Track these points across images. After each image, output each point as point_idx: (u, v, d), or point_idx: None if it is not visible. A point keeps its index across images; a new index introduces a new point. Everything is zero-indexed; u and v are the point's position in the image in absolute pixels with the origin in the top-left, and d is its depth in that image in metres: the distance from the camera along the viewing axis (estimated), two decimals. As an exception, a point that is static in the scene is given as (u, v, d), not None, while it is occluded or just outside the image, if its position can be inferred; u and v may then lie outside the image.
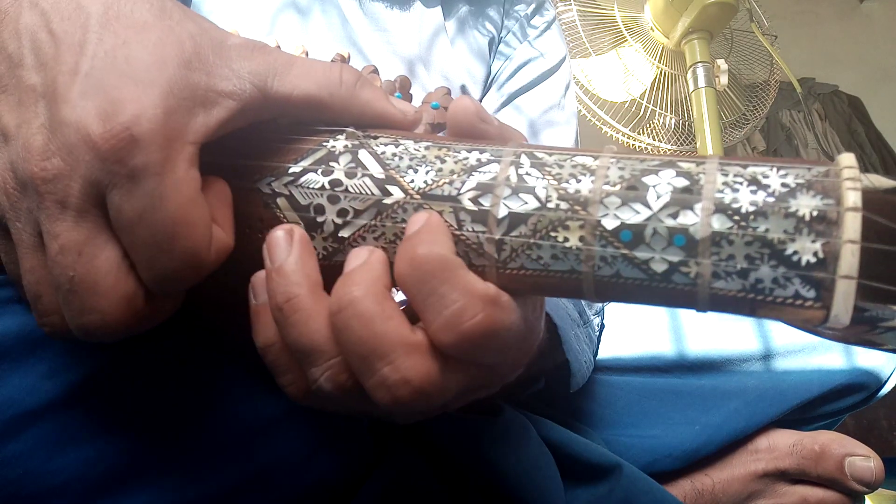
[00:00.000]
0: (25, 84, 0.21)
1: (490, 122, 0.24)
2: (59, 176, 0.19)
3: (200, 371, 0.25)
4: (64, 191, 0.19)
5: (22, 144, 0.20)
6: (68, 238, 0.19)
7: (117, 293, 0.20)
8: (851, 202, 0.18)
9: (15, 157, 0.20)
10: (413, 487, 0.30)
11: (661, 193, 0.20)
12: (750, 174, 0.19)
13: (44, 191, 0.19)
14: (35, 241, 0.21)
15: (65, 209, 0.19)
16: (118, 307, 0.20)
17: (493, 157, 0.22)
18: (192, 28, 0.22)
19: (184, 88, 0.20)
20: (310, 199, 0.23)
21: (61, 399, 0.23)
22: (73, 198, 0.19)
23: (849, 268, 0.17)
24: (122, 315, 0.20)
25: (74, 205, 0.19)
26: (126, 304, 0.20)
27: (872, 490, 0.41)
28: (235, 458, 0.25)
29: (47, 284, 0.21)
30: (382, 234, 0.22)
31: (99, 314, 0.20)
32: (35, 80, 0.20)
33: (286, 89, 0.23)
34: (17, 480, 0.22)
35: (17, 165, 0.20)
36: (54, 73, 0.20)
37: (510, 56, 0.69)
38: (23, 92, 0.21)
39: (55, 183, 0.19)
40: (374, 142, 0.24)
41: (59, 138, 0.19)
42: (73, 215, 0.19)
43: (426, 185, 0.22)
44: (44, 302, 0.21)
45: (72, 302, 0.20)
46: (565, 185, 0.21)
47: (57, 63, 0.20)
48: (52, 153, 0.19)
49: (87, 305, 0.20)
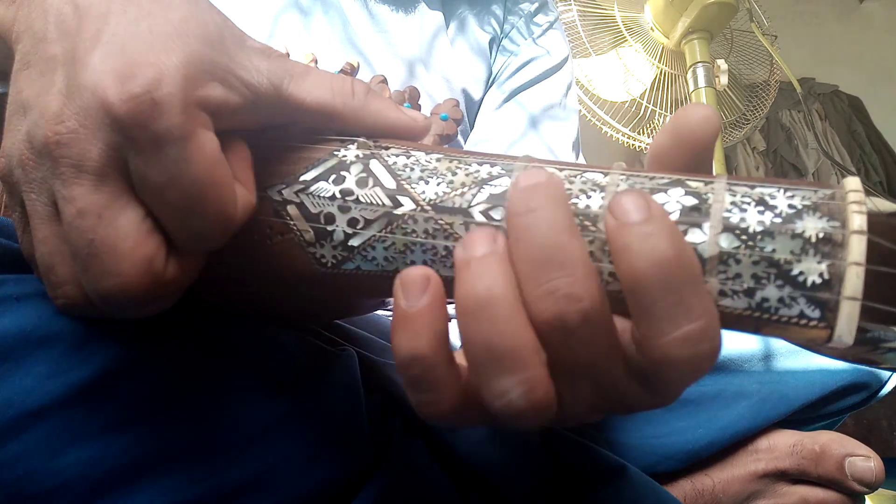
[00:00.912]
0: (47, 56, 0.21)
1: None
2: (74, 139, 0.19)
3: (201, 373, 0.25)
4: (80, 154, 0.19)
5: (38, 112, 0.20)
6: (88, 201, 0.20)
7: (138, 255, 0.20)
8: (857, 225, 0.18)
9: (32, 125, 0.20)
10: (413, 489, 0.30)
11: (671, 212, 0.20)
12: (757, 195, 0.20)
13: (58, 155, 0.20)
14: (49, 211, 0.21)
15: (81, 172, 0.20)
16: (138, 270, 0.20)
17: (505, 170, 0.22)
18: (217, 18, 0.22)
19: (205, 62, 0.21)
20: (320, 207, 0.23)
21: (62, 399, 0.23)
22: (92, 161, 0.19)
23: (853, 289, 0.18)
24: (143, 279, 0.20)
25: (93, 168, 0.20)
26: (146, 266, 0.20)
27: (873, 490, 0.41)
28: (236, 460, 0.25)
29: (60, 254, 0.21)
30: (393, 245, 0.22)
31: (119, 277, 0.20)
32: (56, 50, 0.21)
33: (301, 94, 0.24)
34: (18, 481, 0.22)
35: (33, 134, 0.20)
36: (75, 41, 0.20)
37: (514, 52, 0.69)
38: (44, 63, 0.21)
39: (70, 146, 0.19)
40: (385, 152, 0.24)
41: (75, 102, 0.19)
42: (92, 179, 0.20)
43: (437, 196, 0.22)
44: (57, 272, 0.21)
45: (91, 266, 0.20)
46: (575, 201, 0.21)
47: (79, 32, 0.20)
48: (67, 117, 0.20)
49: (108, 268, 0.20)
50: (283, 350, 0.28)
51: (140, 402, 0.24)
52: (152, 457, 0.24)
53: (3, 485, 0.22)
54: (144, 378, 0.24)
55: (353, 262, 0.23)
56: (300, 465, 0.26)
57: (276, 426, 0.26)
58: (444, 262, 0.22)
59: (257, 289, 0.26)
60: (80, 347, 0.24)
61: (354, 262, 0.23)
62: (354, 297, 0.28)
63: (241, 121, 0.23)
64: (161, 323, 0.24)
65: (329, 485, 0.27)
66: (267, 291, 0.26)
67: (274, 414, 0.26)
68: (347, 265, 0.23)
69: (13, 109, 0.22)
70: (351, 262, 0.23)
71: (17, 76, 0.22)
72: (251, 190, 0.23)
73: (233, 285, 0.26)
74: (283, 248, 0.24)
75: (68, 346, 0.23)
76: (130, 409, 0.24)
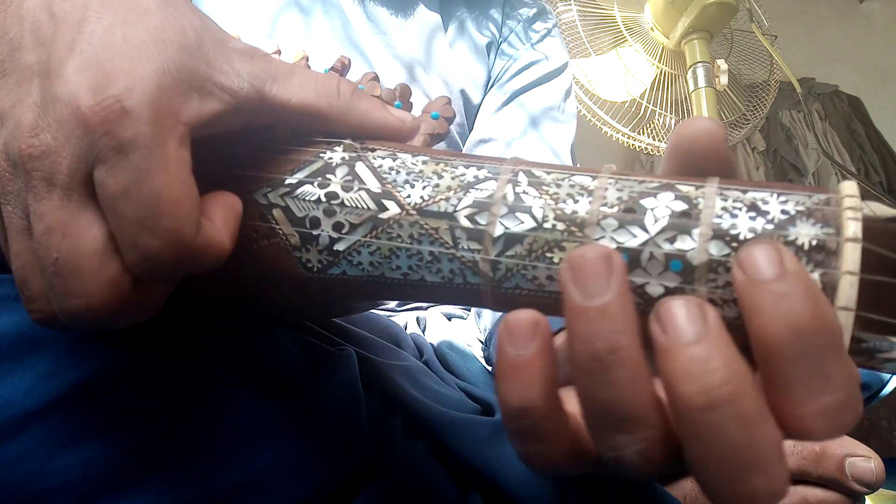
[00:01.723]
0: (23, 64, 0.20)
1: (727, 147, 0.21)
2: (46, 152, 0.19)
3: (199, 374, 0.25)
4: (51, 168, 0.19)
5: (14, 123, 0.20)
6: (53, 218, 0.19)
7: (102, 276, 0.19)
8: (851, 233, 0.17)
9: (8, 136, 0.20)
10: (413, 489, 0.30)
11: (659, 217, 0.19)
12: (749, 199, 0.19)
13: (31, 168, 0.19)
14: (23, 224, 0.20)
15: (51, 187, 0.19)
16: (103, 291, 0.19)
17: (491, 174, 0.22)
18: (196, 22, 0.22)
19: (181, 70, 0.20)
20: (305, 211, 0.23)
21: (60, 400, 0.23)
22: (61, 175, 0.19)
23: (847, 299, 0.17)
24: (108, 300, 0.19)
25: (61, 182, 0.19)
26: (111, 287, 0.19)
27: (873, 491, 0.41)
28: (235, 460, 0.25)
29: (33, 268, 0.20)
30: (378, 250, 0.22)
31: (84, 298, 0.19)
32: (32, 59, 0.20)
33: (285, 96, 0.23)
34: (16, 481, 0.22)
35: (9, 146, 0.20)
36: (50, 50, 0.20)
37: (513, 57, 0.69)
38: (20, 72, 0.20)
39: (42, 160, 0.19)
40: (371, 154, 0.24)
41: (50, 114, 0.19)
42: (60, 194, 0.19)
43: (423, 200, 0.22)
44: (30, 287, 0.20)
45: (56, 285, 0.19)
46: (562, 206, 0.20)
47: (54, 41, 0.20)
48: (41, 129, 0.19)
49: (72, 289, 0.19)
50: (282, 350, 0.28)
51: (138, 404, 0.24)
52: (150, 458, 0.23)
53: (1, 485, 0.22)
54: (142, 379, 0.24)
55: (338, 266, 0.23)
56: (299, 465, 0.26)
57: (275, 426, 0.26)
58: (429, 267, 0.22)
59: (244, 292, 0.26)
60: (79, 348, 0.23)
61: (340, 266, 0.23)
62: (341, 302, 0.28)
63: (223, 125, 0.22)
64: (159, 325, 0.24)
65: (329, 485, 0.27)
66: (254, 295, 0.26)
67: (273, 414, 0.26)
68: (333, 270, 0.23)
69: None
70: (336, 266, 0.23)
71: None
72: (227, 235, 0.21)
73: (219, 288, 0.26)
74: (269, 253, 0.24)
75: (67, 346, 0.23)
76: (128, 411, 0.24)
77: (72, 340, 0.23)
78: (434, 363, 0.45)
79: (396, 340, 0.43)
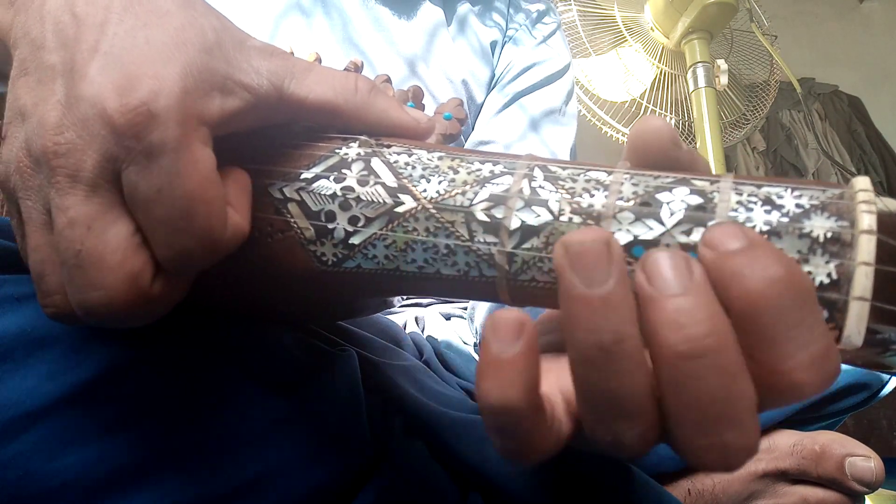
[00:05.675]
0: (46, 64, 0.21)
1: (681, 147, 0.21)
2: (72, 150, 0.19)
3: (201, 374, 0.25)
4: (76, 165, 0.19)
5: (37, 121, 0.20)
6: (78, 211, 0.19)
7: (123, 270, 0.20)
8: (866, 225, 0.18)
9: (30, 133, 0.20)
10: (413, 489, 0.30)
11: (675, 210, 0.20)
12: (764, 194, 0.19)
13: (55, 164, 0.20)
14: (43, 219, 0.21)
15: (76, 183, 0.19)
16: (123, 285, 0.20)
17: (507, 169, 0.22)
18: (215, 22, 0.22)
19: (202, 71, 0.21)
20: (321, 205, 0.23)
21: (62, 400, 0.23)
22: (86, 172, 0.19)
23: (862, 289, 0.17)
24: (127, 294, 0.20)
25: (87, 179, 0.19)
26: (131, 282, 0.20)
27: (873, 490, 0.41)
28: (236, 460, 0.25)
29: (52, 263, 0.21)
30: (393, 243, 0.22)
31: (103, 291, 0.20)
32: (55, 60, 0.21)
33: (302, 92, 0.24)
34: (18, 481, 0.22)
35: (31, 142, 0.20)
36: (73, 51, 0.20)
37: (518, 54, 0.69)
38: (42, 72, 0.21)
39: (67, 157, 0.19)
40: (387, 150, 0.24)
41: (74, 113, 0.20)
42: (85, 189, 0.20)
43: (439, 194, 0.22)
44: (47, 281, 0.21)
45: (76, 277, 0.20)
46: (578, 199, 0.21)
47: (77, 42, 0.20)
48: (66, 127, 0.20)
49: (92, 281, 0.20)
50: (283, 350, 0.28)
51: (140, 403, 0.24)
52: (152, 458, 0.24)
53: (3, 485, 0.22)
54: (144, 379, 0.24)
55: (353, 260, 0.23)
56: (300, 465, 0.26)
57: (276, 427, 0.26)
58: (444, 260, 0.22)
59: (256, 288, 0.26)
60: (81, 348, 0.24)
61: (355, 260, 0.23)
62: (355, 297, 0.28)
63: (243, 122, 0.23)
64: (160, 324, 0.24)
65: (329, 485, 0.27)
66: (265, 291, 0.26)
67: (273, 414, 0.26)
68: (348, 263, 0.23)
69: (11, 116, 0.22)
70: (351, 260, 0.23)
71: (15, 82, 0.22)
72: (245, 218, 0.22)
73: (231, 285, 0.26)
74: (284, 246, 0.24)
75: (69, 346, 0.23)
76: (130, 410, 0.24)
77: (73, 341, 0.24)
78: (434, 363, 0.45)
79: (396, 340, 0.43)
